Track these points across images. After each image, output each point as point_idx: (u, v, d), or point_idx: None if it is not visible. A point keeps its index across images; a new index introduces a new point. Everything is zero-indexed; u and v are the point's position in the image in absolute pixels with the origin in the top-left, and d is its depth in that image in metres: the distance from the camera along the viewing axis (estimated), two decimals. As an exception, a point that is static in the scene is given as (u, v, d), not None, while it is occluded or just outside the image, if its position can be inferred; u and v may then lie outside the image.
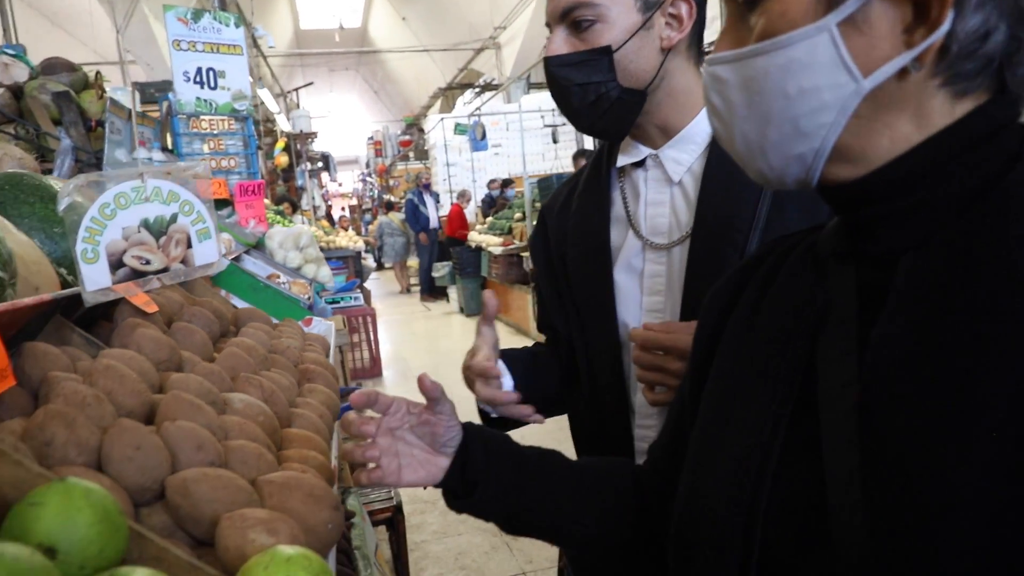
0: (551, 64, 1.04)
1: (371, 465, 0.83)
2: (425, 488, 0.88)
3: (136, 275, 0.97)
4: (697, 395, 0.74)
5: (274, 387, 1.03)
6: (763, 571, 0.61)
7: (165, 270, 0.98)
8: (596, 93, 1.02)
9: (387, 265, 13.95)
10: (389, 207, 13.97)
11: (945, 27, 0.51)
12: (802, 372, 0.62)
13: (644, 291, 1.10)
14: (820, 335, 0.62)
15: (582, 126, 1.09)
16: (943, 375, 0.51)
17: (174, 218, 0.99)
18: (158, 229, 0.98)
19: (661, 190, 1.10)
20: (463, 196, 11.19)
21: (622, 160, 1.14)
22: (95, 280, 0.95)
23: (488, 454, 0.87)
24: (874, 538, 0.51)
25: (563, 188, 1.26)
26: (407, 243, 13.01)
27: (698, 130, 1.07)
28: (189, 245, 0.99)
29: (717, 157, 1.04)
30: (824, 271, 0.65)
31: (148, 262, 0.97)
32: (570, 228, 1.18)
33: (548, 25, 1.07)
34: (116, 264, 0.97)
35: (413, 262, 13.15)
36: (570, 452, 0.99)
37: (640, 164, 1.12)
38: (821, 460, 0.57)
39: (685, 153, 1.08)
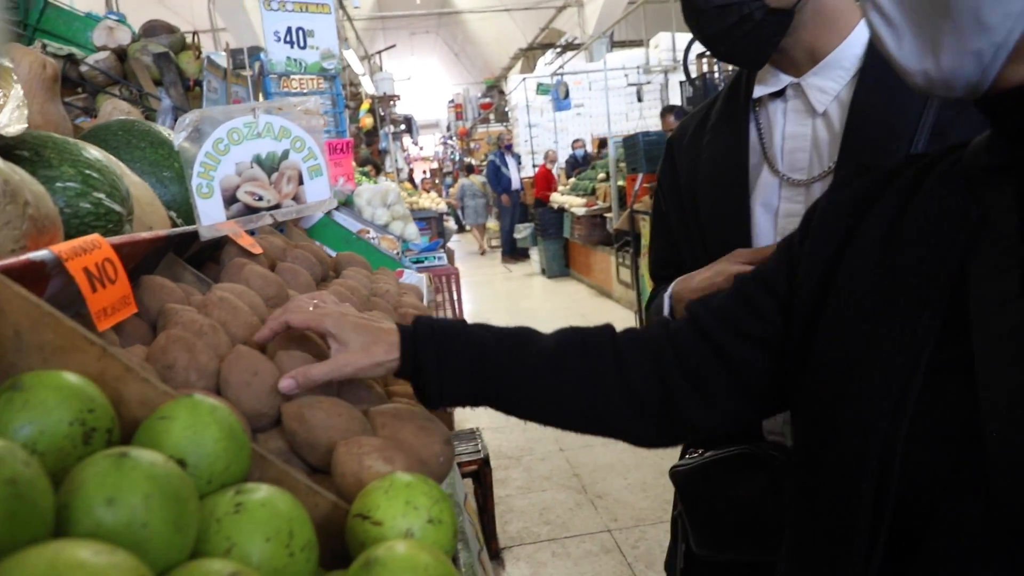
0: None
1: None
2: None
3: (249, 211, 0.97)
4: (809, 301, 0.69)
5: (378, 325, 1.03)
6: (902, 501, 0.57)
7: (277, 206, 0.98)
8: (738, 15, 0.94)
9: (467, 227, 14.09)
10: (470, 170, 14.06)
11: None
12: (950, 290, 0.57)
13: (777, 231, 1.03)
14: (973, 252, 0.57)
15: (719, 52, 1.00)
16: None
17: (286, 154, 0.98)
18: (270, 165, 0.98)
19: (802, 121, 1.02)
20: (548, 157, 11.08)
21: (759, 90, 1.05)
22: (210, 215, 0.96)
23: (436, 337, 0.79)
24: None
25: (692, 118, 1.18)
26: (487, 205, 13.16)
27: (847, 55, 0.98)
28: (301, 182, 0.99)
29: (869, 83, 0.94)
30: (976, 187, 0.60)
31: (261, 198, 0.97)
32: (702, 162, 1.11)
33: None
34: (230, 200, 0.98)
35: (493, 224, 13.36)
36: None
37: (778, 95, 1.04)
38: (972, 383, 0.53)
39: (831, 80, 0.99)
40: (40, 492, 0.40)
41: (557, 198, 9.45)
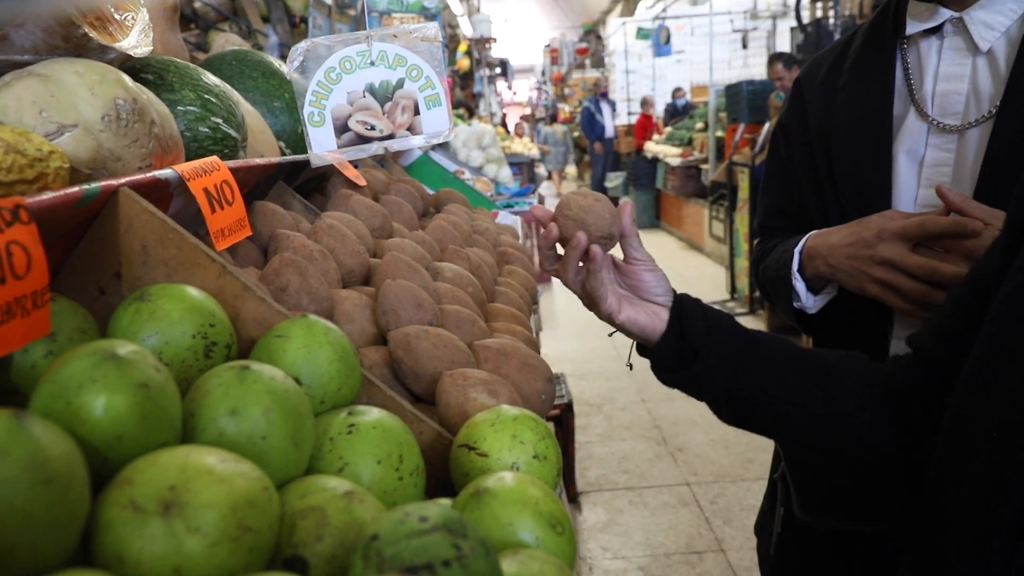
0: None
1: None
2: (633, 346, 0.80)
3: (361, 140, 0.97)
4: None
5: (480, 261, 1.02)
6: None
7: (391, 136, 0.98)
8: None
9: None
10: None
11: None
12: None
13: (922, 182, 0.93)
14: None
15: None
16: None
17: (400, 83, 0.97)
18: (383, 94, 0.97)
19: (961, 61, 0.91)
20: (647, 103, 10.78)
21: (913, 26, 0.95)
22: (321, 143, 0.97)
23: (708, 321, 0.77)
24: None
25: (825, 57, 1.08)
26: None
27: None
28: (417, 112, 0.97)
29: None
30: None
31: (373, 127, 0.97)
32: (839, 103, 1.01)
33: None
34: (341, 129, 0.98)
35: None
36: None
37: (933, 31, 0.94)
38: None
39: (1001, 15, 0.88)
40: (170, 397, 0.41)
41: (652, 147, 9.21)
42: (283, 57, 3.51)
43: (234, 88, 1.38)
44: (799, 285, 0.97)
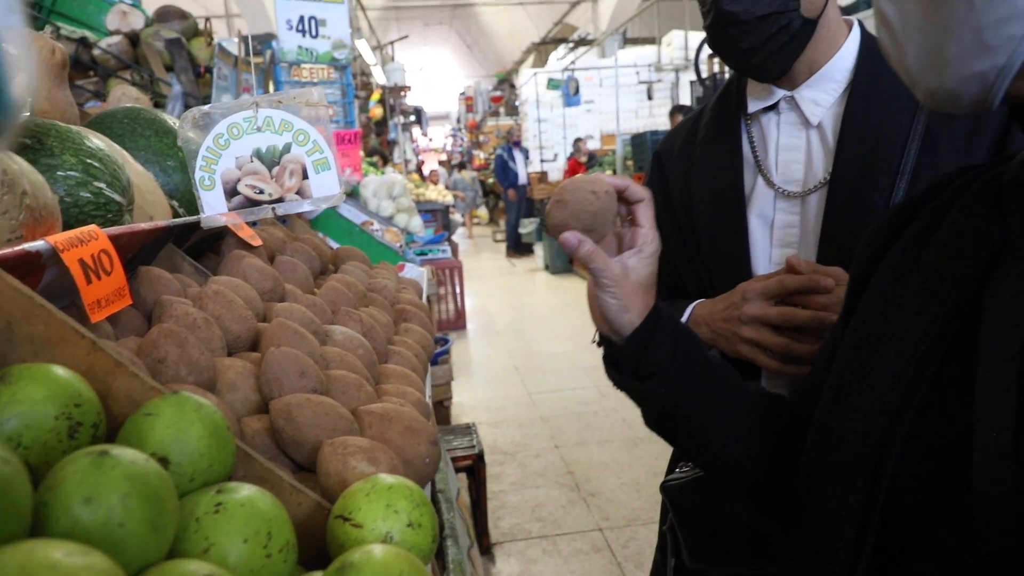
0: None
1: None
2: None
3: (251, 204, 0.97)
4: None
5: (373, 322, 1.03)
6: (890, 514, 0.57)
7: (280, 200, 0.99)
8: (777, 26, 0.93)
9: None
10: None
11: None
12: (965, 310, 0.56)
13: (774, 243, 1.02)
14: (992, 272, 0.55)
15: (750, 66, 0.98)
16: None
17: (287, 148, 0.99)
18: (271, 159, 0.99)
19: (796, 134, 1.02)
20: (579, 150, 11.08)
21: (753, 105, 1.06)
22: (213, 206, 0.97)
23: (677, 344, 0.76)
24: (1021, 490, 0.46)
25: (679, 131, 1.18)
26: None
27: (839, 67, 0.99)
28: (305, 176, 0.99)
29: (860, 95, 0.95)
30: (1006, 203, 0.58)
31: (262, 191, 0.98)
32: (695, 174, 1.11)
33: None
34: (231, 192, 0.98)
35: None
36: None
37: (771, 108, 1.04)
38: (970, 403, 0.52)
39: (824, 93, 0.99)
40: (18, 490, 0.41)
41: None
42: (187, 106, 3.46)
43: (125, 147, 1.36)
44: None
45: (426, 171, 19.39)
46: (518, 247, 11.23)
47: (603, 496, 3.42)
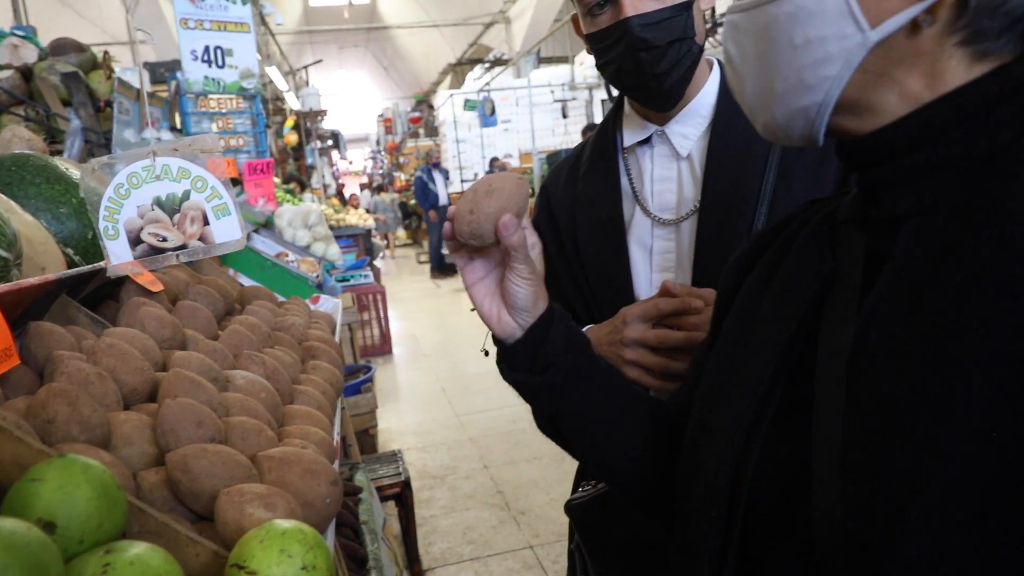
0: (635, 25, 0.98)
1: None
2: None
3: (155, 251, 0.98)
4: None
5: (276, 364, 1.04)
6: (749, 531, 0.62)
7: (184, 247, 1.00)
8: (683, 51, 0.99)
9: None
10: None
11: None
12: (804, 338, 0.62)
13: (654, 268, 1.09)
14: (826, 302, 0.62)
15: (662, 91, 1.03)
16: (924, 350, 0.50)
17: (187, 195, 1.00)
18: (171, 207, 0.99)
19: (668, 166, 1.09)
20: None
21: (629, 139, 1.13)
22: (118, 255, 0.98)
23: (570, 342, 0.80)
24: (848, 510, 0.52)
25: (563, 165, 1.25)
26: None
27: (704, 103, 1.07)
28: (207, 222, 1.00)
29: (721, 129, 1.03)
30: (838, 238, 0.64)
31: (165, 239, 0.99)
32: (578, 206, 1.17)
33: None
34: (135, 241, 0.99)
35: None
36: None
37: (645, 142, 1.11)
38: (811, 424, 0.58)
39: (691, 127, 1.07)
40: None
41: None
42: (88, 141, 3.36)
43: (14, 195, 1.32)
44: None
45: (347, 194, 19.22)
46: (442, 268, 11.23)
47: (533, 513, 3.45)
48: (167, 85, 4.21)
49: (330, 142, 13.49)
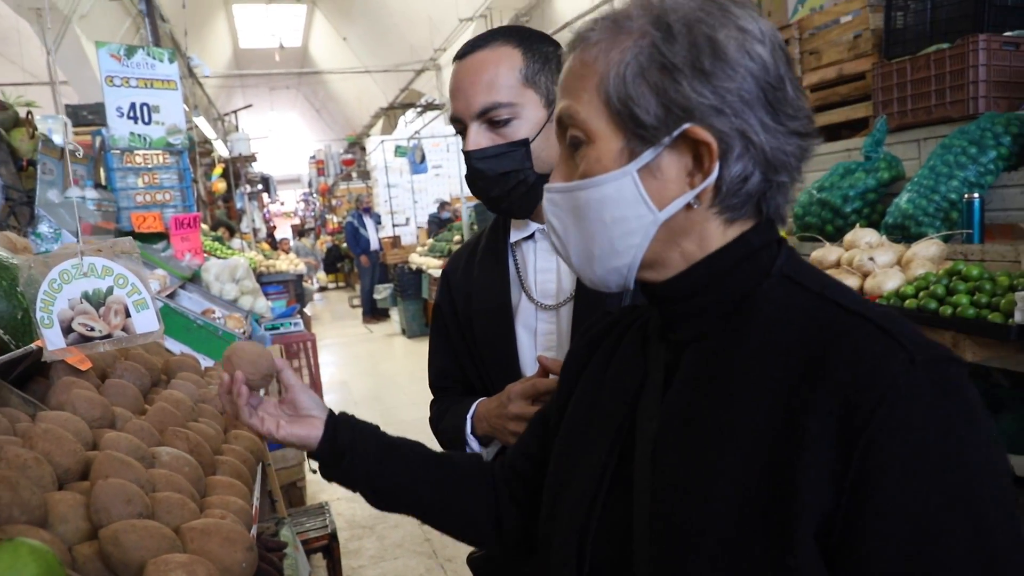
0: (474, 158, 1.18)
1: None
2: (306, 454, 1.00)
3: (84, 339, 1.10)
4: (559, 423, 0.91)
5: (199, 438, 1.16)
6: None
7: (109, 336, 1.12)
8: (516, 180, 1.18)
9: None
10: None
11: (715, 173, 0.68)
12: (628, 427, 0.79)
13: (538, 348, 1.26)
14: (640, 398, 0.79)
15: (500, 209, 1.24)
16: (698, 440, 0.68)
17: (110, 290, 1.11)
18: (97, 300, 1.11)
19: (548, 258, 1.27)
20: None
21: (515, 235, 1.30)
22: (53, 342, 1.11)
23: (354, 431, 1.00)
24: (654, 568, 0.68)
25: (462, 253, 1.41)
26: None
27: None
28: (128, 314, 1.12)
29: None
30: (650, 345, 0.82)
31: (92, 328, 1.11)
32: (474, 291, 1.33)
33: (456, 121, 1.21)
34: (67, 329, 1.11)
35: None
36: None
37: (530, 237, 1.28)
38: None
39: None
40: None
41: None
42: (8, 199, 3.36)
43: (-54, 280, 1.40)
44: (473, 442, 1.24)
45: (279, 236, 19.05)
46: (374, 312, 11.26)
47: (459, 560, 3.54)
48: (92, 141, 4.23)
49: (260, 186, 13.43)
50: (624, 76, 0.68)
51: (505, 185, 1.18)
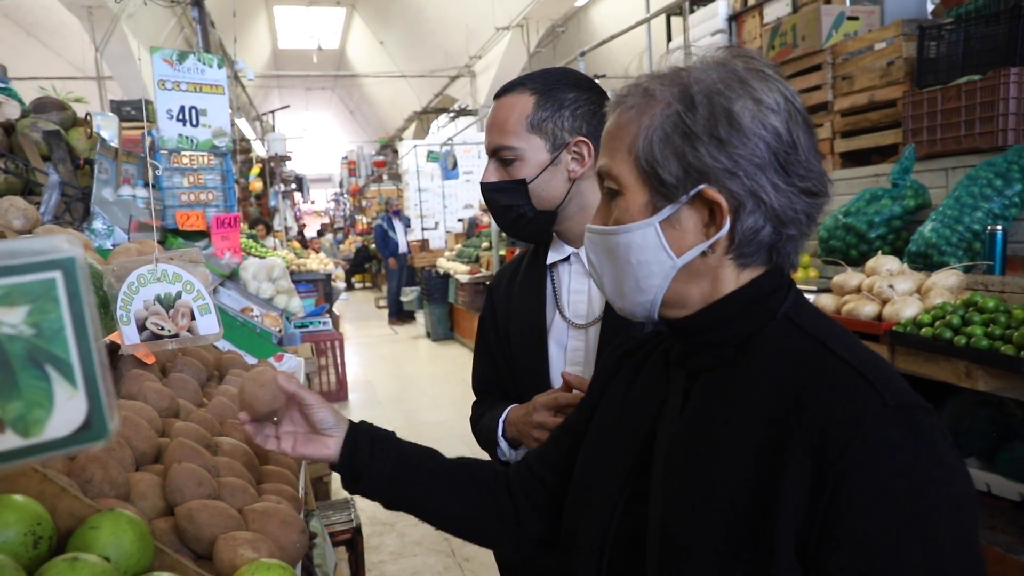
0: (484, 188, 1.34)
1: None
2: (329, 465, 1.08)
3: (155, 337, 1.24)
4: (585, 430, 1.00)
5: (254, 431, 1.27)
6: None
7: (176, 335, 1.24)
8: (516, 213, 1.32)
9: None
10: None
11: (726, 227, 0.78)
12: (648, 443, 0.89)
13: (567, 362, 1.36)
14: (660, 418, 0.89)
15: (511, 234, 1.37)
16: (703, 459, 0.78)
17: (179, 295, 1.24)
18: (168, 303, 1.24)
19: (581, 281, 1.37)
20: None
21: (551, 257, 1.41)
22: (129, 337, 1.24)
23: (372, 447, 1.05)
24: (660, 573, 0.78)
25: (506, 271, 1.52)
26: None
27: None
28: (194, 317, 1.24)
29: None
30: (670, 370, 0.92)
31: (163, 328, 1.23)
32: (513, 309, 1.45)
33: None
34: (141, 327, 1.24)
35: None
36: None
37: (565, 259, 1.39)
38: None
39: None
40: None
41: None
42: (64, 195, 3.53)
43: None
44: (503, 444, 1.34)
45: (308, 233, 19.33)
46: (400, 314, 11.42)
47: (477, 560, 3.64)
48: (141, 144, 4.40)
49: (293, 185, 13.69)
50: (652, 140, 0.78)
51: (508, 216, 1.33)
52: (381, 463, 1.05)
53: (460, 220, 12.78)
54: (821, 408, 0.70)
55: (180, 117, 4.38)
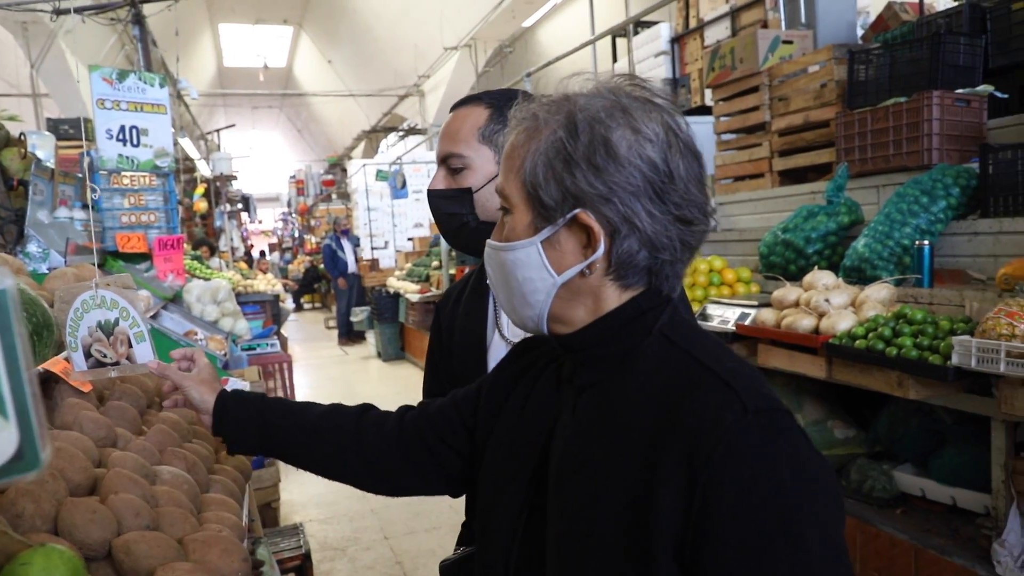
0: (430, 195, 1.36)
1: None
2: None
3: (99, 364, 1.22)
4: (481, 440, 1.04)
5: (195, 458, 1.25)
6: None
7: (117, 363, 1.22)
8: (460, 222, 1.33)
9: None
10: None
11: (601, 250, 0.81)
12: (542, 462, 0.91)
13: None
14: (553, 434, 0.91)
15: (452, 244, 1.39)
16: (587, 472, 0.81)
17: (116, 321, 1.21)
18: (108, 329, 1.22)
19: None
20: None
21: None
22: (79, 364, 1.22)
23: (238, 405, 1.12)
24: None
25: (453, 290, 1.54)
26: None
27: None
28: (131, 345, 1.22)
29: None
30: (562, 386, 0.95)
31: (105, 355, 1.21)
32: (456, 326, 1.46)
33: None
34: (87, 354, 1.22)
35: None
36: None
37: None
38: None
39: None
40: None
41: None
42: (-4, 217, 3.41)
43: None
44: None
45: (255, 253, 18.99)
46: (350, 335, 11.29)
47: (430, 583, 3.61)
48: (79, 164, 4.29)
49: (240, 205, 13.46)
50: (536, 164, 0.82)
51: (451, 224, 1.35)
52: (246, 421, 1.10)
53: (410, 239, 12.73)
54: (690, 417, 0.73)
55: (120, 137, 4.28)
